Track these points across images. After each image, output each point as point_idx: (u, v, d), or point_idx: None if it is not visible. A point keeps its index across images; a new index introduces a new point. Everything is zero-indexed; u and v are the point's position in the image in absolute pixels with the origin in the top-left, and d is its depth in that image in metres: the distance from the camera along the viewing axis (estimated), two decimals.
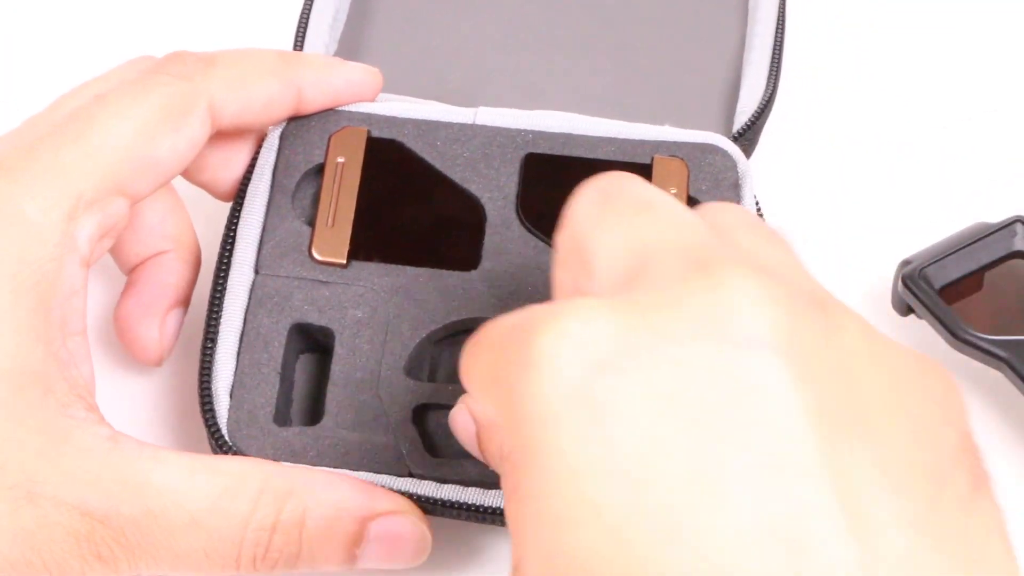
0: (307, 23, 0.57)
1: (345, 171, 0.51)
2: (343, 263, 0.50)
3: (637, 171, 0.50)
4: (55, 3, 0.64)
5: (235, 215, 0.51)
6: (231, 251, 0.50)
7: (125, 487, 0.43)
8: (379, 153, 0.52)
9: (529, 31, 0.59)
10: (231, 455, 0.46)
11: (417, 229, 0.51)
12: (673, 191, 0.50)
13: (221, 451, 0.47)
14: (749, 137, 0.55)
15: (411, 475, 0.46)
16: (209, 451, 0.47)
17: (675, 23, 0.59)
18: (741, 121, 0.55)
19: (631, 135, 0.52)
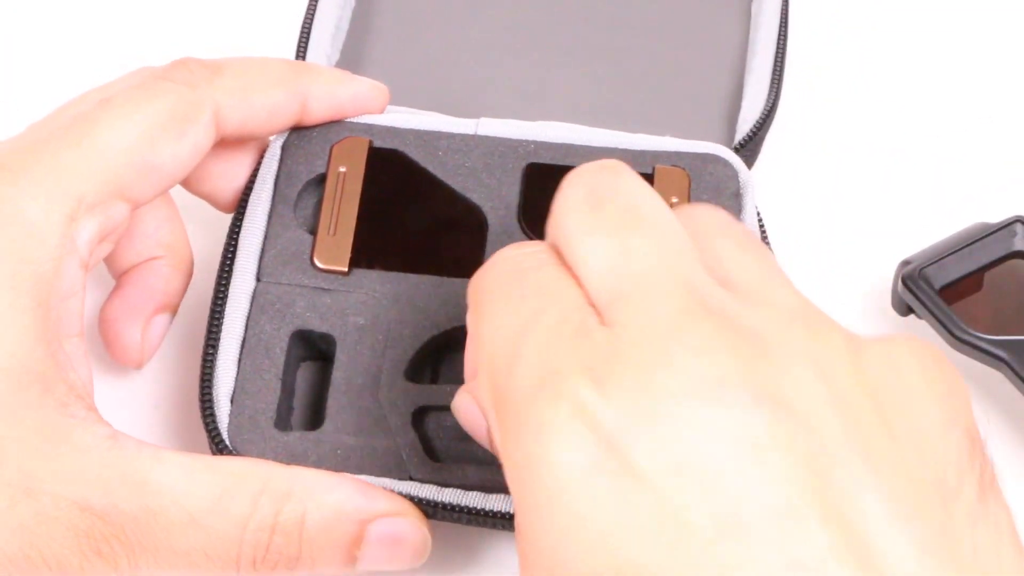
0: (309, 33, 0.57)
1: (347, 180, 0.51)
2: (345, 271, 0.50)
3: None
4: (60, 10, 0.64)
5: (237, 223, 0.51)
6: (233, 259, 0.50)
7: (124, 484, 0.43)
8: (381, 163, 0.52)
9: (530, 41, 0.59)
10: (232, 456, 0.46)
11: (419, 237, 0.51)
12: (675, 200, 0.50)
13: (221, 455, 0.47)
14: (751, 148, 0.55)
15: (412, 479, 0.46)
16: (209, 454, 0.47)
17: (676, 32, 0.59)
18: (743, 130, 0.55)
19: (632, 145, 0.52)
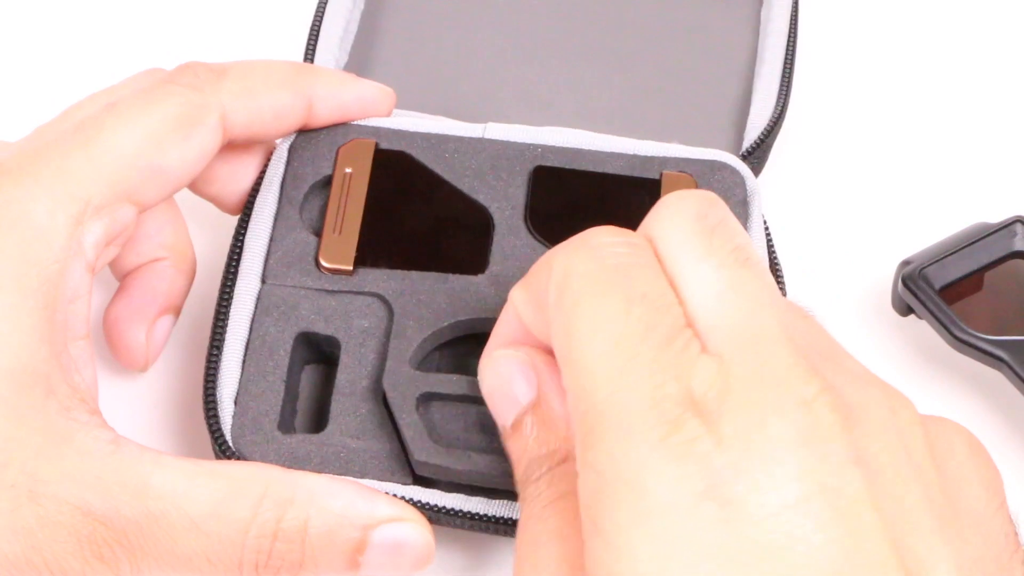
0: (318, 36, 0.57)
1: (353, 181, 0.51)
2: (349, 270, 0.50)
3: (645, 186, 0.51)
4: (67, 14, 0.64)
5: (243, 225, 0.51)
6: (238, 260, 0.50)
7: (126, 489, 0.43)
8: (387, 164, 0.52)
9: (538, 46, 0.59)
10: (234, 460, 0.46)
11: (424, 236, 0.51)
12: None
13: (225, 457, 0.47)
14: (759, 155, 0.55)
15: (414, 475, 0.46)
16: (212, 457, 0.47)
17: (685, 39, 0.59)
18: (751, 137, 0.55)
19: (639, 151, 0.52)
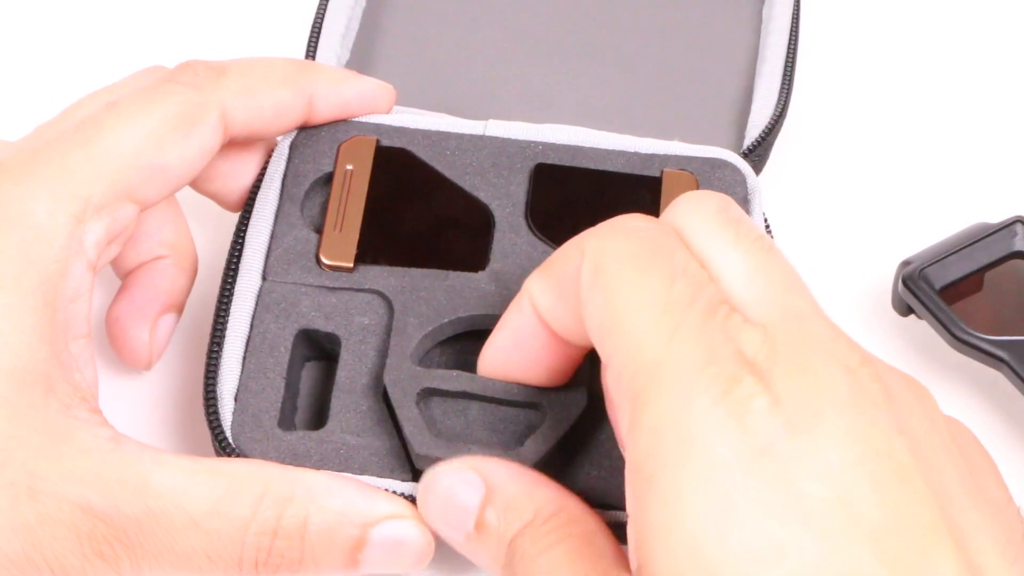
0: (319, 34, 0.57)
1: (354, 178, 0.51)
2: (350, 267, 0.50)
3: (646, 184, 0.51)
4: (67, 12, 0.64)
5: (244, 222, 0.51)
6: (239, 257, 0.50)
7: (125, 487, 0.43)
8: (388, 161, 0.52)
9: (540, 44, 0.59)
10: (234, 458, 0.46)
11: (425, 234, 0.51)
12: None
13: (225, 454, 0.47)
14: (759, 153, 0.55)
15: (414, 472, 0.46)
16: (212, 455, 0.47)
17: (686, 37, 0.59)
18: (752, 135, 0.55)
19: (640, 149, 0.52)
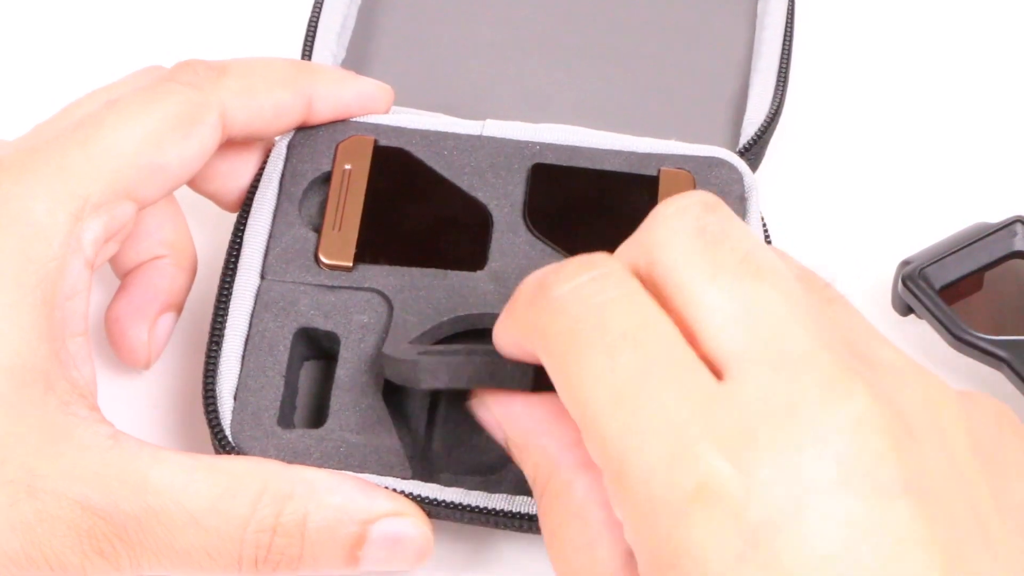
0: (315, 33, 0.57)
1: (352, 177, 0.51)
2: (349, 266, 0.50)
3: (643, 183, 0.51)
4: (67, 10, 0.64)
5: (242, 221, 0.51)
6: (237, 256, 0.50)
7: (125, 484, 0.43)
8: (386, 161, 0.52)
9: (536, 43, 0.59)
10: (233, 455, 0.46)
11: (423, 233, 0.51)
12: None
13: (225, 452, 0.47)
14: (756, 151, 0.55)
15: (413, 469, 0.46)
16: (212, 453, 0.47)
17: (681, 35, 0.59)
18: (748, 133, 0.55)
19: (637, 148, 0.52)
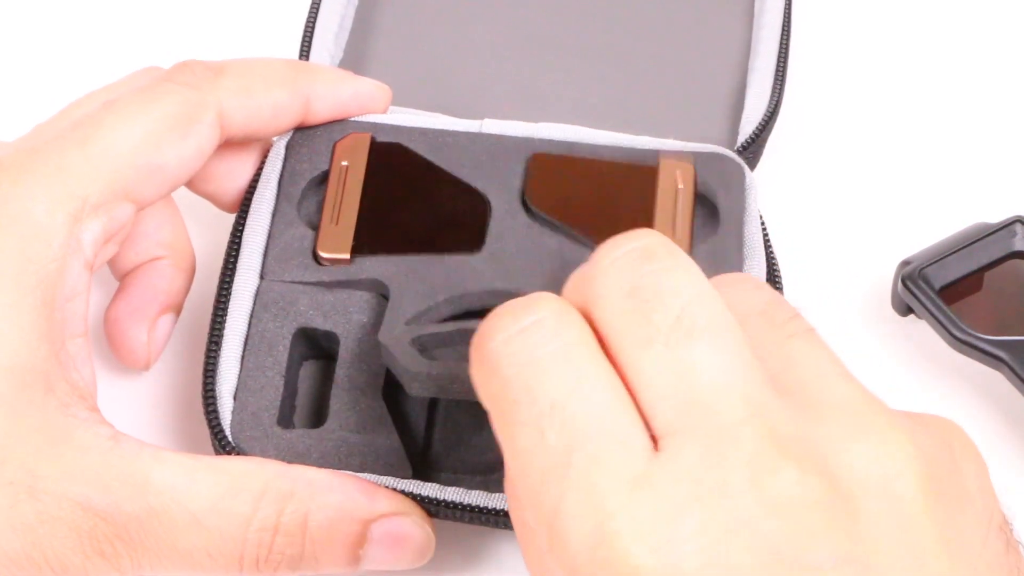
0: (312, 33, 0.57)
1: (349, 173, 0.52)
2: (347, 259, 0.50)
3: (642, 173, 0.51)
4: (65, 11, 0.64)
5: (241, 221, 0.51)
6: (236, 256, 0.50)
7: (125, 485, 0.43)
8: (383, 155, 0.52)
9: (534, 42, 0.59)
10: (234, 456, 0.46)
11: (421, 222, 0.51)
12: (680, 187, 0.50)
13: (225, 452, 0.47)
14: (754, 149, 0.55)
15: (413, 468, 0.46)
16: (211, 454, 0.47)
17: (679, 33, 0.59)
18: (746, 132, 0.55)
19: (635, 146, 0.52)
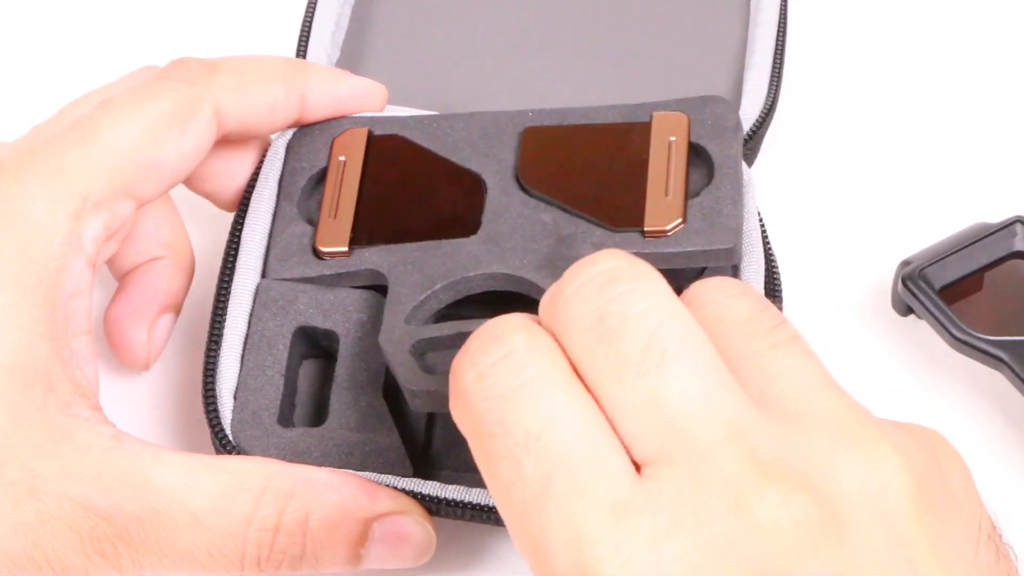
0: (309, 33, 0.57)
1: (347, 167, 0.52)
2: (346, 251, 0.50)
3: (637, 131, 0.50)
4: (60, 12, 0.64)
5: (240, 220, 0.51)
6: (235, 255, 0.50)
7: (126, 485, 0.43)
8: (380, 148, 0.52)
9: (530, 39, 0.60)
10: (234, 455, 0.46)
11: (418, 210, 0.51)
12: (672, 139, 0.50)
13: (225, 451, 0.47)
14: (751, 146, 0.55)
15: (414, 467, 0.46)
16: (212, 453, 0.47)
17: (675, 30, 0.59)
18: (744, 128, 0.54)
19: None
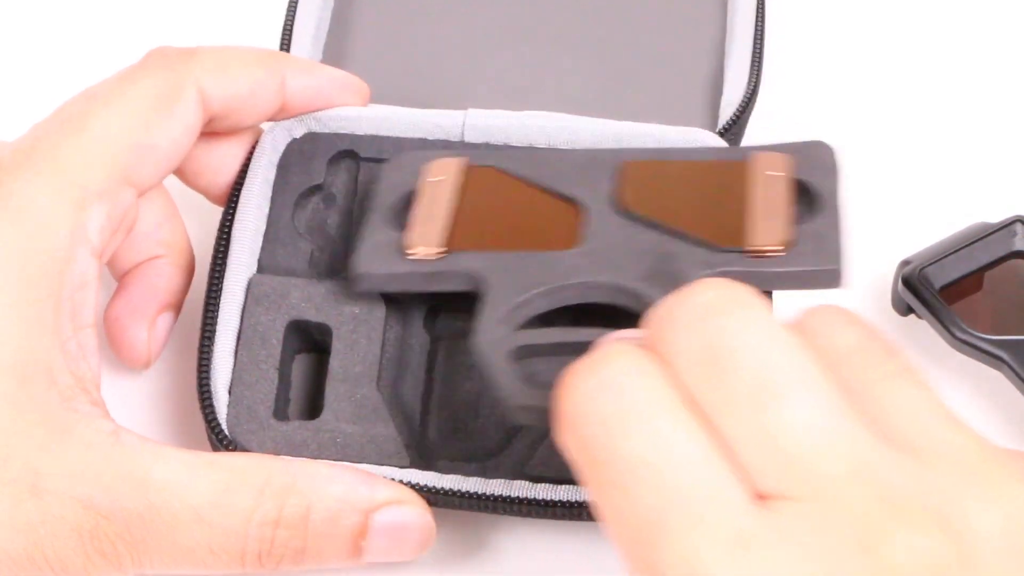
0: (291, 35, 0.57)
1: (442, 185, 0.50)
2: (441, 251, 0.48)
3: (736, 166, 0.49)
4: (62, 14, 0.64)
5: (228, 215, 0.51)
6: (226, 251, 0.50)
7: (127, 482, 0.43)
8: (475, 172, 0.51)
9: (512, 32, 0.60)
10: (232, 451, 0.46)
11: (515, 224, 0.50)
12: (771, 172, 0.49)
13: (222, 447, 0.47)
14: (735, 132, 0.55)
15: (410, 455, 0.46)
16: (209, 450, 0.47)
17: (656, 19, 0.60)
18: (727, 114, 0.55)
19: (621, 134, 0.52)
